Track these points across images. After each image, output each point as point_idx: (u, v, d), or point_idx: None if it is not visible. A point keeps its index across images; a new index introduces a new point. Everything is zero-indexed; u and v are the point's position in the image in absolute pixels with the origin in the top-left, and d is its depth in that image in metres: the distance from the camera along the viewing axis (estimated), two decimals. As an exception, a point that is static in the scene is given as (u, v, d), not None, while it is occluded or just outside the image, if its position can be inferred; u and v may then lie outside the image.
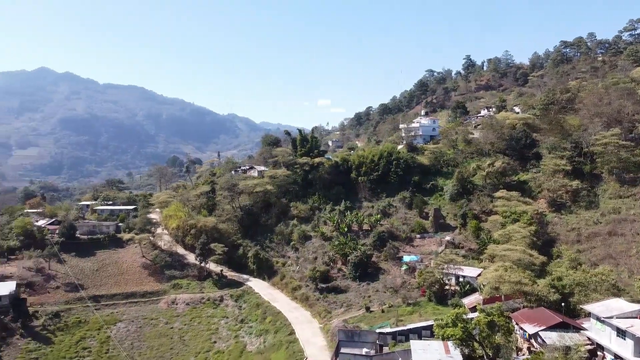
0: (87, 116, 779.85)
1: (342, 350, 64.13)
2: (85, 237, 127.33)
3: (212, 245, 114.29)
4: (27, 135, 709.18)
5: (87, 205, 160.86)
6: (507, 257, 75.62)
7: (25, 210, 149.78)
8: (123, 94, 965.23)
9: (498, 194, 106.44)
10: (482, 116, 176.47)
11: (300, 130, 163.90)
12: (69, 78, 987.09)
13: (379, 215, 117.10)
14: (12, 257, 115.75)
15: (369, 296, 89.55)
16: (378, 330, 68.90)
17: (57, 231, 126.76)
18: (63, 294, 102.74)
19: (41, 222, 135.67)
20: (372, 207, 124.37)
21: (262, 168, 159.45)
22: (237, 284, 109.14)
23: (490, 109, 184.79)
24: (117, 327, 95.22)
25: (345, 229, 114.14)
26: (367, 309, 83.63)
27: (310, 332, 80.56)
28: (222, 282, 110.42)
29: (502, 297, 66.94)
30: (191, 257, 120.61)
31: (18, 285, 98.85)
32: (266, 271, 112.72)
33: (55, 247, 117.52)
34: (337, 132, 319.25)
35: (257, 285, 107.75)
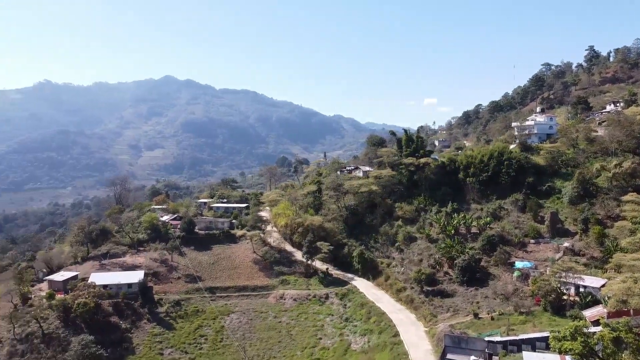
0: (205, 119, 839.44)
1: (449, 356, 62.47)
2: (202, 232, 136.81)
3: (318, 243, 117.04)
4: (154, 138, 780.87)
5: (205, 203, 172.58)
6: (637, 268, 68.42)
7: (152, 207, 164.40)
8: (237, 98, 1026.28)
9: (626, 197, 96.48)
10: (608, 112, 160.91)
11: (405, 130, 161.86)
12: (189, 85, 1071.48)
13: (488, 218, 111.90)
14: (141, 248, 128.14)
15: (477, 302, 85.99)
16: (487, 338, 65.95)
17: (178, 226, 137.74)
18: (183, 285, 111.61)
19: (165, 218, 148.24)
20: (481, 209, 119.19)
21: (367, 168, 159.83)
22: (342, 283, 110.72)
23: (618, 104, 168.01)
24: (230, 318, 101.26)
25: (452, 232, 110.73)
26: (475, 315, 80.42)
27: (414, 335, 79.39)
28: (327, 280, 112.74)
29: (631, 311, 60.68)
30: (298, 255, 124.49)
31: (146, 275, 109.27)
32: (370, 271, 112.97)
33: (177, 241, 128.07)
34: (444, 132, 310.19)
35: (362, 284, 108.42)
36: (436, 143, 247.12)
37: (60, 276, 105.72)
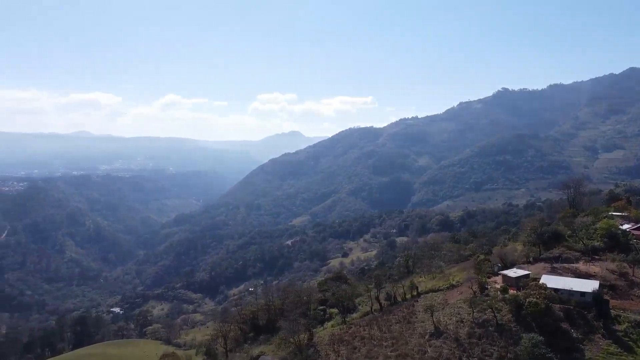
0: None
1: None
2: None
3: None
4: (612, 138, 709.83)
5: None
6: None
7: (610, 213, 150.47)
8: None
9: None
10: None
11: None
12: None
13: None
14: (596, 257, 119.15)
15: None
16: None
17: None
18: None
19: (625, 226, 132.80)
20: None
21: None
22: None
23: None
24: None
25: None
26: None
27: None
28: None
29: None
30: None
31: (601, 286, 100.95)
32: None
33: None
34: None
35: None
36: None
37: (513, 272, 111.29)
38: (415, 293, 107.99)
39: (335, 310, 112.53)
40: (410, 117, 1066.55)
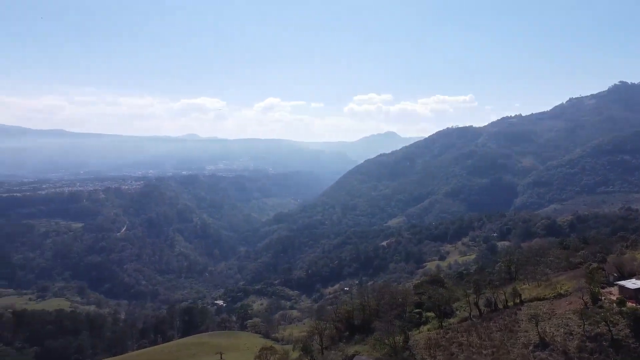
0: None
1: None
2: None
3: None
4: None
5: None
6: None
7: None
8: None
9: None
10: None
11: None
12: None
13: None
14: None
15: None
16: None
17: None
18: None
19: None
20: None
21: None
22: None
23: None
24: None
25: None
26: None
27: None
28: None
29: None
30: None
31: None
32: None
33: None
34: None
35: None
36: None
37: (632, 284, 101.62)
38: (518, 300, 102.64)
39: (431, 314, 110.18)
40: (512, 115, 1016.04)
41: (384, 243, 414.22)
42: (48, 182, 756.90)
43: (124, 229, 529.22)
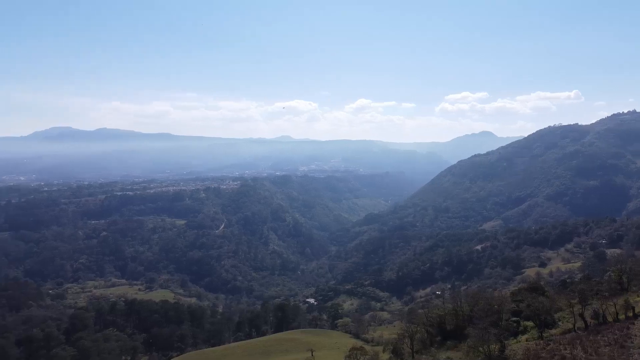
0: None
1: None
2: None
3: None
4: None
5: None
6: None
7: None
8: None
9: None
10: None
11: None
12: None
13: None
14: None
15: None
16: None
17: None
18: None
19: None
20: None
21: None
22: None
23: None
24: None
25: None
26: None
27: None
28: None
29: None
30: None
31: None
32: None
33: None
34: None
35: None
36: None
37: None
38: (630, 314, 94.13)
39: (530, 324, 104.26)
40: (625, 111, 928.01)
41: (479, 247, 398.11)
42: (155, 182, 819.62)
43: (222, 227, 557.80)
